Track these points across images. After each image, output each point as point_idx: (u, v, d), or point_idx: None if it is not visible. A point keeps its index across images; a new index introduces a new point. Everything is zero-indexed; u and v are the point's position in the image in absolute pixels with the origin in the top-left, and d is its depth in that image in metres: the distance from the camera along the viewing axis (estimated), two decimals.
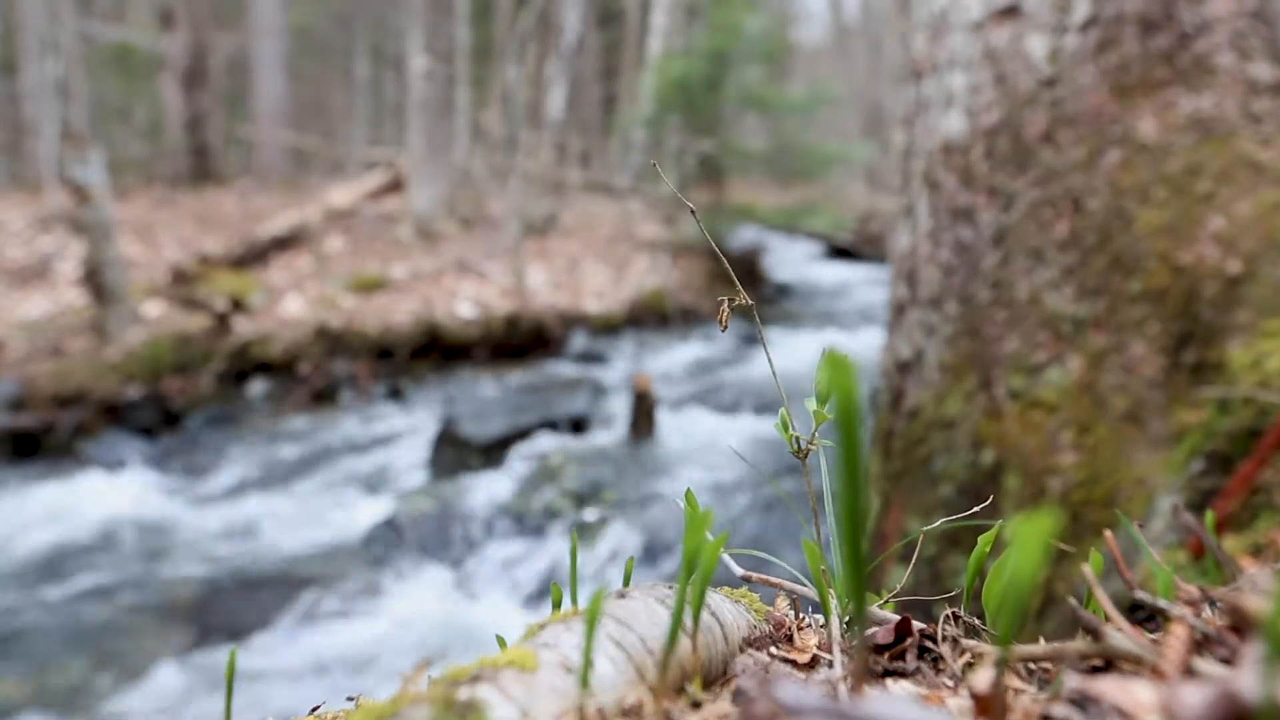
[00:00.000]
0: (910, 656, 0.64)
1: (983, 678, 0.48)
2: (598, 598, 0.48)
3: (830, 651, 0.65)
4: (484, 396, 5.70)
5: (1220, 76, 1.79)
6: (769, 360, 0.83)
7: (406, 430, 5.87)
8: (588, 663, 0.48)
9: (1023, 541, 0.43)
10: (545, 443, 4.99)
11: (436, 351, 7.72)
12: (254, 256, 9.22)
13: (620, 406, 5.47)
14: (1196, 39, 1.81)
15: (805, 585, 0.75)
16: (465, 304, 8.19)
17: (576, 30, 10.74)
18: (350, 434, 5.92)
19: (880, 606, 0.76)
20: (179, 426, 6.21)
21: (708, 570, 0.56)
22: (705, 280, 9.85)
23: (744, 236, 12.13)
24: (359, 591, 3.87)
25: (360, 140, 20.40)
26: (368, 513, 4.65)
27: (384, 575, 4.00)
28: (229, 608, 3.78)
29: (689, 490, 0.70)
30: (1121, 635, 0.50)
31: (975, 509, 0.90)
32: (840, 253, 14.03)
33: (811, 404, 0.75)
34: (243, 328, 7.12)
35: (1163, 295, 1.69)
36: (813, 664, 0.66)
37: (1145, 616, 0.80)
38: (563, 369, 7.45)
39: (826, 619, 0.69)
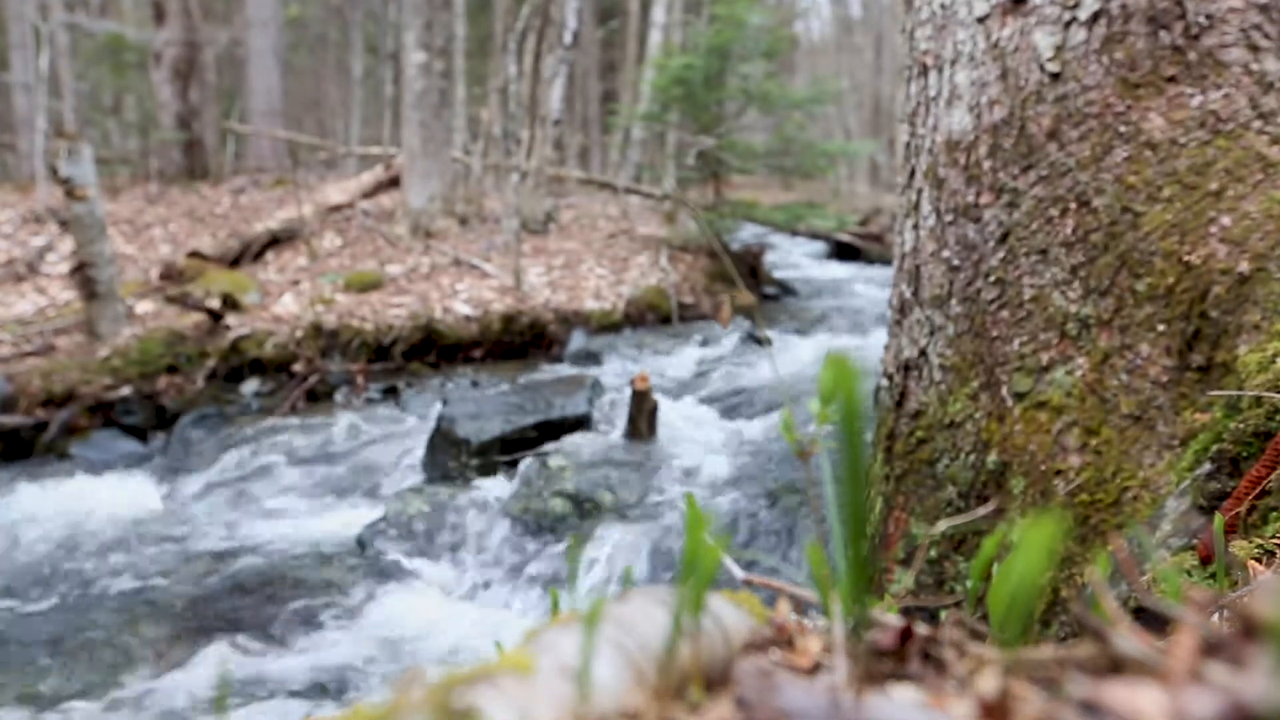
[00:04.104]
0: (914, 661, 0.63)
1: (990, 683, 0.47)
2: (597, 601, 0.47)
3: (832, 655, 0.64)
4: (481, 396, 5.68)
5: (1230, 72, 1.78)
6: (771, 360, 0.82)
7: (402, 430, 5.86)
8: (587, 667, 0.47)
9: (1028, 545, 0.42)
10: (543, 443, 4.97)
11: (433, 350, 7.70)
12: (248, 254, 9.20)
13: (620, 406, 5.45)
14: (1206, 33, 1.80)
15: (807, 588, 0.74)
16: (462, 302, 8.17)
17: (575, 25, 10.71)
18: (345, 433, 5.90)
19: (884, 610, 0.75)
20: (171, 426, 6.19)
21: (708, 573, 0.55)
22: (706, 279, 9.82)
23: (745, 235, 12.10)
24: (352, 593, 3.85)
25: (356, 135, 20.36)
26: (361, 513, 4.63)
27: (378, 577, 3.98)
28: (221, 609, 3.77)
29: (689, 493, 0.69)
30: (1128, 640, 0.49)
31: (980, 511, 0.90)
32: (843, 251, 13.97)
33: (814, 405, 0.74)
34: (236, 326, 7.10)
35: (1171, 295, 1.68)
36: (815, 668, 0.65)
37: (1153, 621, 0.79)
38: (561, 368, 7.43)
39: (829, 622, 0.68)
